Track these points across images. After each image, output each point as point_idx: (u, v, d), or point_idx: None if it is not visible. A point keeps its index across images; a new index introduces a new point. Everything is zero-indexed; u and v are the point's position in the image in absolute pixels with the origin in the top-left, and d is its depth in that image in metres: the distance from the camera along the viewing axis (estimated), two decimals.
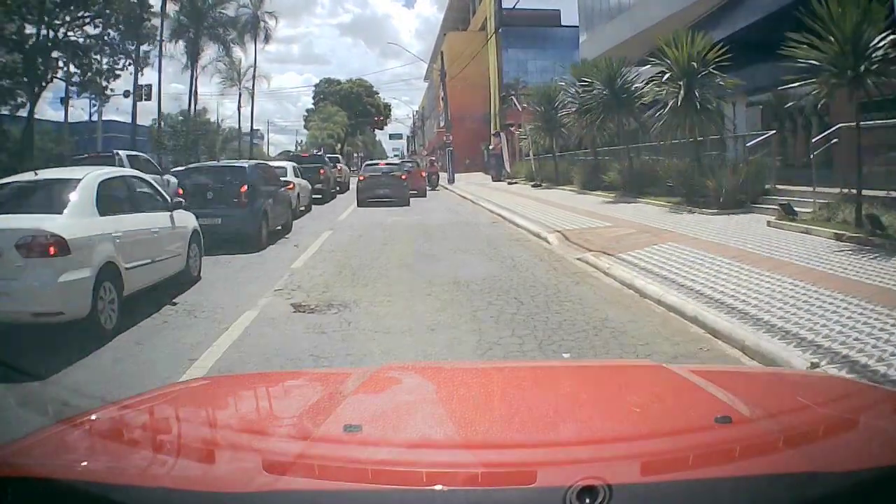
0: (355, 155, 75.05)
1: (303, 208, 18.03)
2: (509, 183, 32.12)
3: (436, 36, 43.73)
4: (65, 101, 35.35)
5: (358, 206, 20.82)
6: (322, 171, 23.42)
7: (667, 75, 14.79)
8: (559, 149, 26.82)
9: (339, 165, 31.16)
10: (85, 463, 1.37)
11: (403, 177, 21.66)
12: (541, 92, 26.60)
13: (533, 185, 27.71)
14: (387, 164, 24.28)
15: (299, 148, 63.23)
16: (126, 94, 36.07)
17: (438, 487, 1.14)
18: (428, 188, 28.28)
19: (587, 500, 1.04)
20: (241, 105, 52.36)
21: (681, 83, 14.26)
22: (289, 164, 19.06)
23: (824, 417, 1.47)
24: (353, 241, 12.39)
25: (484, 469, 1.22)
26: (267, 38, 50.42)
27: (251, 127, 54.70)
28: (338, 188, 27.55)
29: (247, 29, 47.45)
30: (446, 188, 32.62)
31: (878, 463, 1.20)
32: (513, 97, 43.10)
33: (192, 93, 43.27)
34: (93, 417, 1.60)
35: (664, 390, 1.80)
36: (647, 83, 16.24)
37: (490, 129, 48.82)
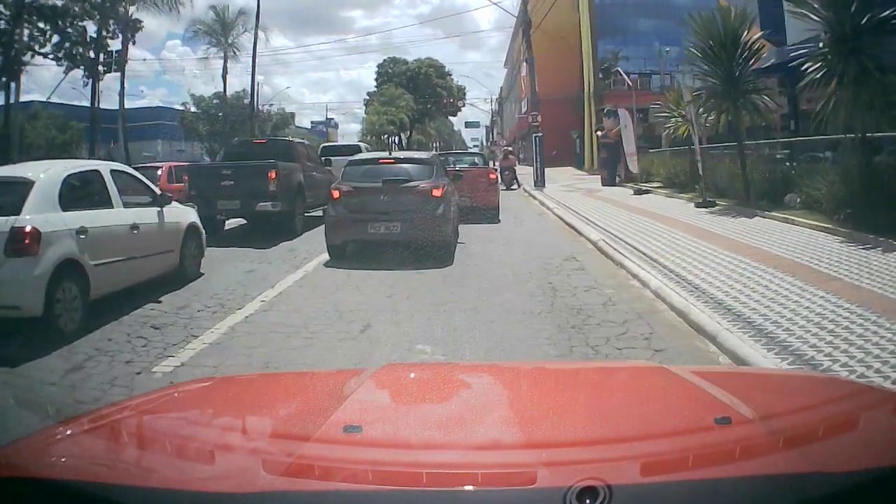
0: (433, 145, 63.82)
1: (176, 266, 7.90)
2: (636, 192, 18.98)
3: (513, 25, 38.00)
4: (9, 77, 27.34)
5: (330, 257, 9.42)
6: (272, 175, 11.59)
7: None
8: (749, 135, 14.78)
9: None
10: (85, 463, 1.37)
11: (436, 192, 9.27)
12: (714, 23, 13.29)
13: (698, 205, 14.23)
14: (398, 160, 10.40)
15: (367, 137, 49.95)
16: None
17: (438, 488, 1.14)
18: (501, 188, 18.12)
19: (587, 501, 1.05)
20: (226, 71, 41.19)
21: None
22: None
23: (824, 417, 1.47)
24: None
25: (484, 470, 1.22)
26: None
27: (253, 102, 39.69)
28: None
29: None
30: (532, 196, 21.00)
31: (878, 463, 1.19)
32: (619, 69, 34.72)
33: (122, 48, 30.14)
34: (93, 417, 1.60)
35: (664, 391, 1.80)
36: None
37: (584, 113, 37.40)
